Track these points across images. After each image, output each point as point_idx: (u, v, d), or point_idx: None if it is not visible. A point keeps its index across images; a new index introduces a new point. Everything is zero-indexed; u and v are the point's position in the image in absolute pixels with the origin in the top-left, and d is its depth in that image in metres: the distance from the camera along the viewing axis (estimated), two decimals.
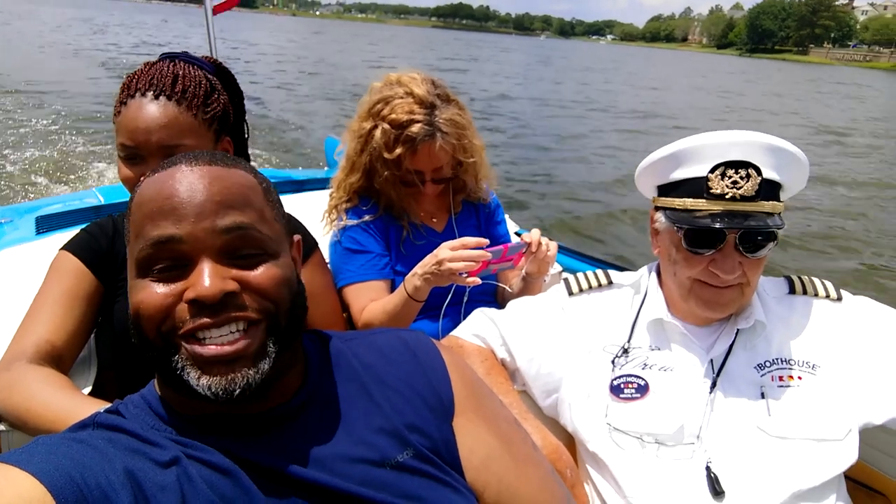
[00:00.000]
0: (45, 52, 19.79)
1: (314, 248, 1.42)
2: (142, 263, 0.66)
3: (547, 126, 13.65)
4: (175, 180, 0.67)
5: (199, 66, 1.23)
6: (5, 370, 1.04)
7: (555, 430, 1.20)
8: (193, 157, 0.71)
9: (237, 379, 0.64)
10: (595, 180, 8.79)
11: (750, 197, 1.03)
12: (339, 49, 37.28)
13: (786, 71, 61.08)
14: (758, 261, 1.06)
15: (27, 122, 9.03)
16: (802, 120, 18.62)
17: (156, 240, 0.65)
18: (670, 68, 53.98)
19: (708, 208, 1.04)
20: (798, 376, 1.08)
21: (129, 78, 1.17)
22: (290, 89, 15.85)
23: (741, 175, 1.02)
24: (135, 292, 0.66)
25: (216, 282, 0.64)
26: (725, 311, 1.10)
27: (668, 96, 24.02)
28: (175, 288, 0.65)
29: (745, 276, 1.06)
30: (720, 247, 1.04)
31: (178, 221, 0.65)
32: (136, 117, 1.11)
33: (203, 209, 0.66)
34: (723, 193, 1.03)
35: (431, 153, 1.51)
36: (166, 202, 0.66)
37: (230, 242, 0.66)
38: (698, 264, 1.07)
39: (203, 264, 0.65)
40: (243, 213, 0.68)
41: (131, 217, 0.70)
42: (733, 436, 1.05)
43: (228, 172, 0.70)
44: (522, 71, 31.04)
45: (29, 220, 2.21)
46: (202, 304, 0.63)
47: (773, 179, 1.05)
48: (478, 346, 1.29)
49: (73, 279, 1.16)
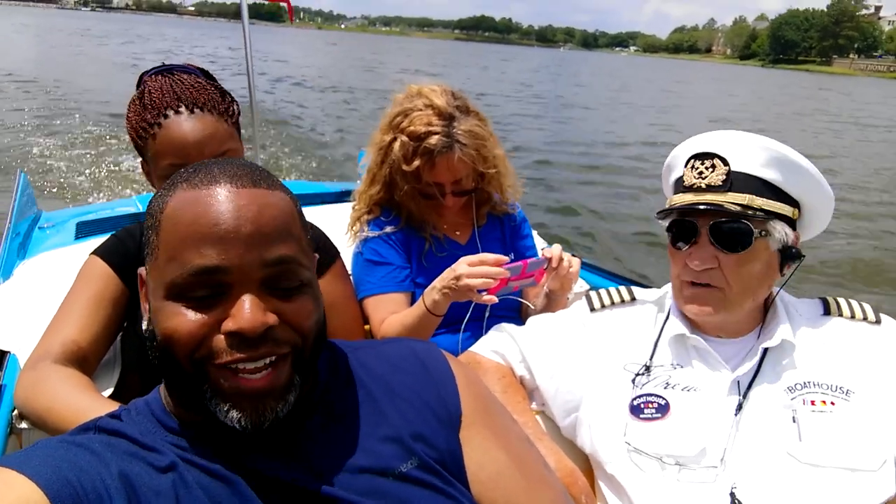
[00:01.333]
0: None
1: (336, 257, 1.42)
2: (177, 289, 0.64)
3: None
4: (219, 204, 0.64)
5: (195, 74, 1.25)
6: (32, 369, 1.07)
7: (572, 453, 1.17)
8: (235, 174, 0.67)
9: (267, 413, 0.64)
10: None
11: (716, 186, 1.03)
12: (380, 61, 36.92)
13: (796, 83, 61.16)
14: (737, 258, 1.04)
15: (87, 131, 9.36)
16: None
17: (199, 270, 0.62)
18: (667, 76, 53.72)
19: (682, 201, 1.07)
20: (831, 401, 1.03)
21: (146, 100, 1.17)
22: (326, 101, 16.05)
23: (706, 165, 1.05)
24: (166, 317, 0.64)
25: (259, 315, 0.62)
26: (705, 310, 1.07)
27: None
28: (212, 317, 0.63)
29: (723, 278, 1.04)
30: (695, 240, 1.05)
31: (225, 252, 0.63)
32: (183, 134, 1.12)
33: (252, 241, 0.64)
34: (691, 184, 1.06)
35: (450, 165, 1.51)
36: (212, 230, 0.63)
37: (273, 275, 0.65)
38: (680, 261, 1.08)
39: (245, 296, 0.63)
40: (288, 244, 0.67)
41: (162, 234, 0.66)
42: (761, 460, 1.01)
43: (272, 197, 0.68)
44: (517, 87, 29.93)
45: (70, 226, 2.29)
46: (242, 337, 0.62)
47: (752, 174, 1.03)
48: (496, 363, 1.27)
49: (101, 283, 1.19)
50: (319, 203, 2.66)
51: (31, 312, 1.41)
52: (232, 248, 0.63)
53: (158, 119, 1.14)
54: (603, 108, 20.93)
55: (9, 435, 1.15)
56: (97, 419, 0.71)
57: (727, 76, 63.86)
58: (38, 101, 12.25)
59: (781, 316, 1.10)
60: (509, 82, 28.33)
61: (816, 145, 14.50)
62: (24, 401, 1.05)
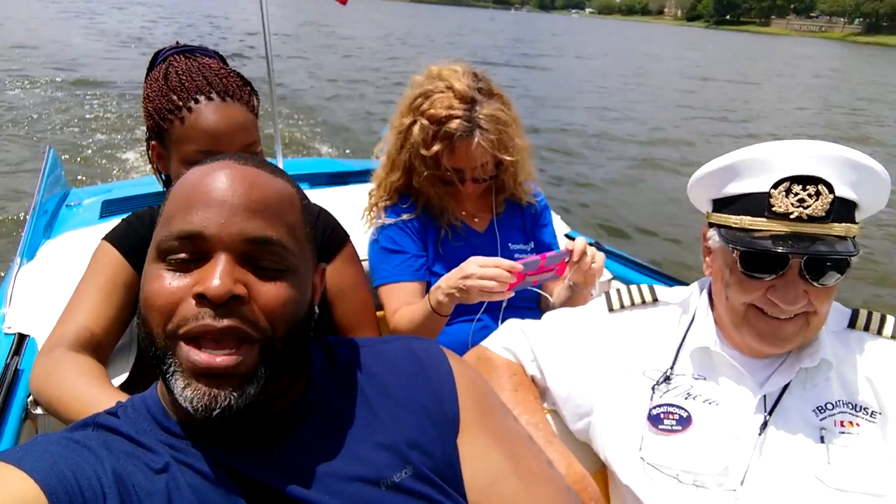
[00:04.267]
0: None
1: (345, 241, 1.40)
2: (161, 250, 0.66)
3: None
4: (216, 176, 0.68)
5: (219, 58, 1.24)
6: (46, 355, 1.09)
7: (587, 455, 1.13)
8: (242, 157, 0.72)
9: (219, 398, 0.63)
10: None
11: (819, 218, 0.90)
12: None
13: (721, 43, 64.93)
14: (827, 290, 0.93)
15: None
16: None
17: (180, 234, 0.65)
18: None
19: (769, 228, 0.93)
20: (857, 423, 0.96)
21: (175, 79, 1.15)
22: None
23: (809, 192, 0.90)
24: (148, 279, 0.66)
25: (226, 281, 0.62)
26: (785, 346, 0.97)
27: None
28: (188, 281, 0.64)
29: (811, 305, 0.94)
30: (782, 273, 0.92)
31: (207, 218, 0.65)
32: (215, 121, 1.11)
33: (235, 211, 0.65)
34: (787, 212, 0.91)
35: (469, 151, 1.47)
36: (201, 196, 0.66)
37: (253, 252, 0.66)
38: (755, 290, 0.95)
39: (218, 261, 0.64)
40: (275, 225, 0.67)
41: (167, 201, 0.70)
42: (785, 483, 0.95)
43: (269, 179, 0.70)
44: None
45: (96, 204, 2.30)
46: (208, 301, 0.62)
47: (846, 198, 0.92)
48: (507, 360, 1.22)
49: (112, 269, 1.20)
50: (341, 183, 2.62)
51: (51, 296, 1.42)
52: (216, 214, 0.65)
53: (188, 103, 1.12)
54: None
55: (24, 420, 1.17)
56: (96, 415, 0.71)
57: (666, 39, 64.59)
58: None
59: (822, 334, 1.01)
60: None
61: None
62: (37, 387, 1.07)
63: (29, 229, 2.03)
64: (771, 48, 60.79)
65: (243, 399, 0.64)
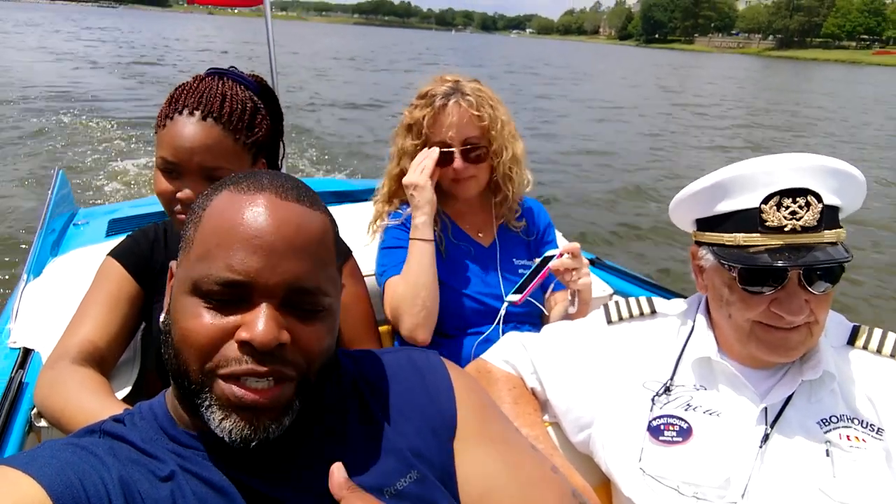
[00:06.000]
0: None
1: (347, 256, 1.41)
2: (200, 290, 0.65)
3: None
4: (259, 213, 0.66)
5: (246, 85, 1.24)
6: (50, 368, 1.10)
7: (589, 468, 1.13)
8: (282, 186, 0.69)
9: (259, 430, 0.64)
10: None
11: (811, 227, 0.92)
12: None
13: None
14: (825, 297, 0.95)
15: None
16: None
17: (225, 281, 0.64)
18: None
19: (764, 243, 0.94)
20: (863, 438, 0.96)
21: (177, 91, 1.18)
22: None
23: (800, 204, 0.92)
24: (186, 315, 0.65)
25: (273, 330, 0.63)
26: (794, 354, 0.99)
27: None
28: (228, 323, 0.64)
29: (812, 315, 0.95)
30: (782, 285, 0.94)
31: (252, 267, 0.64)
32: (181, 134, 1.13)
33: (281, 257, 0.65)
34: (781, 226, 0.93)
35: (452, 116, 1.50)
36: (243, 237, 0.65)
37: (295, 297, 0.66)
38: (758, 305, 0.97)
39: (264, 307, 0.64)
40: (316, 272, 0.68)
41: (200, 230, 0.68)
42: (789, 495, 0.94)
43: (312, 216, 0.69)
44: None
45: (103, 223, 2.34)
46: (253, 349, 0.63)
47: (833, 205, 0.94)
48: (507, 373, 1.23)
49: (116, 284, 1.22)
50: (345, 201, 2.66)
51: (56, 311, 1.43)
52: (261, 261, 0.64)
53: (171, 114, 1.15)
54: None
55: (28, 432, 1.18)
56: (102, 422, 0.72)
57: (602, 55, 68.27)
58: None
59: (823, 346, 1.01)
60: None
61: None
62: (41, 399, 1.08)
63: (36, 247, 2.07)
64: (680, 61, 66.58)
65: (280, 429, 0.66)
